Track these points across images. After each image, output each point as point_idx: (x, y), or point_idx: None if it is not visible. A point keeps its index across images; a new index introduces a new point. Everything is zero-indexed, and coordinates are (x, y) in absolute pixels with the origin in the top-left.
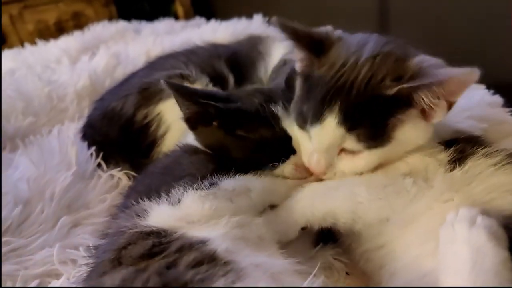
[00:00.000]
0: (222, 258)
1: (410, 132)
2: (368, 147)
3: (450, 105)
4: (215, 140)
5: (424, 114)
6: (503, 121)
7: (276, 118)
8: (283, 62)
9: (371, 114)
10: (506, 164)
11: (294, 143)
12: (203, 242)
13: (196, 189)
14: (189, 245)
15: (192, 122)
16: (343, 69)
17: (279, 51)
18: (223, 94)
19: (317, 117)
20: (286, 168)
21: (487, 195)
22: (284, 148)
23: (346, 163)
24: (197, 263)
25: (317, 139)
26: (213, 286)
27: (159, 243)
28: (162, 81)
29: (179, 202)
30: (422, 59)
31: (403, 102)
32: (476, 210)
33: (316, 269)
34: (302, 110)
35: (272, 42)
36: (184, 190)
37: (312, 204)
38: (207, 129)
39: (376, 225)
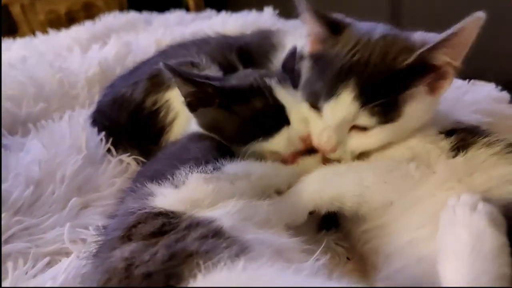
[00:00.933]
0: (227, 233)
1: (418, 106)
2: (380, 122)
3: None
4: (213, 119)
5: (431, 89)
6: (509, 116)
7: (268, 88)
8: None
9: (385, 90)
10: (507, 153)
11: (288, 113)
12: (209, 220)
13: (201, 172)
14: (197, 223)
15: (193, 105)
16: (357, 46)
17: (295, 43)
18: (218, 76)
19: (332, 92)
20: (280, 139)
21: (487, 185)
22: (277, 118)
23: (356, 141)
24: (203, 237)
25: (331, 114)
26: (217, 257)
27: (168, 223)
28: (161, 64)
29: (184, 183)
30: (421, 34)
31: (418, 72)
32: (477, 197)
33: (320, 249)
34: (315, 87)
35: (284, 35)
36: (190, 172)
37: (320, 189)
38: (206, 110)
39: (380, 208)
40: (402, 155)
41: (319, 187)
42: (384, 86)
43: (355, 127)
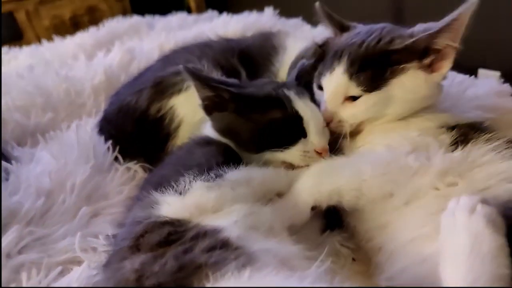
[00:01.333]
0: (234, 244)
1: (409, 80)
2: (366, 90)
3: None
4: (228, 124)
5: (432, 69)
6: (511, 110)
7: (288, 100)
8: (301, 57)
9: (374, 65)
10: (505, 149)
11: (305, 124)
12: (216, 230)
13: (204, 180)
14: (204, 233)
15: (209, 108)
16: (357, 35)
17: (296, 45)
18: (236, 82)
19: (328, 69)
20: (295, 151)
21: (486, 182)
22: (294, 130)
23: (348, 110)
24: (211, 248)
25: (326, 87)
26: (225, 268)
27: (174, 231)
28: (181, 67)
29: (187, 191)
30: (421, 25)
31: (415, 54)
32: (477, 199)
33: (323, 254)
34: (320, 71)
35: (286, 36)
36: (193, 180)
37: (318, 183)
38: (221, 114)
39: (380, 201)
40: (402, 146)
41: (317, 181)
42: (373, 61)
43: (348, 99)
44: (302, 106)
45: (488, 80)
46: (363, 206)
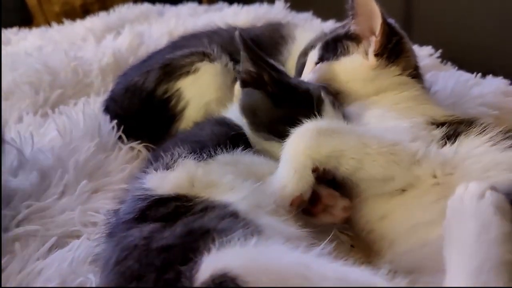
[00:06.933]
0: (242, 216)
1: (352, 61)
2: (321, 58)
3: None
4: (255, 103)
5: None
6: None
7: (321, 103)
8: (311, 47)
9: (334, 42)
10: (500, 140)
11: None
12: (225, 204)
13: (196, 159)
14: (213, 206)
15: (245, 82)
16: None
17: (305, 35)
18: (281, 68)
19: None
20: None
21: (484, 174)
22: None
23: (310, 73)
24: (221, 217)
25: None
26: (232, 235)
27: (182, 206)
28: (236, 33)
29: (176, 167)
30: None
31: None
32: (486, 185)
33: (327, 240)
34: None
35: (294, 27)
36: (184, 156)
37: (318, 144)
38: (254, 91)
39: (375, 185)
40: (401, 133)
41: (316, 142)
42: (334, 40)
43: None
44: (329, 113)
45: (494, 80)
46: (359, 194)
